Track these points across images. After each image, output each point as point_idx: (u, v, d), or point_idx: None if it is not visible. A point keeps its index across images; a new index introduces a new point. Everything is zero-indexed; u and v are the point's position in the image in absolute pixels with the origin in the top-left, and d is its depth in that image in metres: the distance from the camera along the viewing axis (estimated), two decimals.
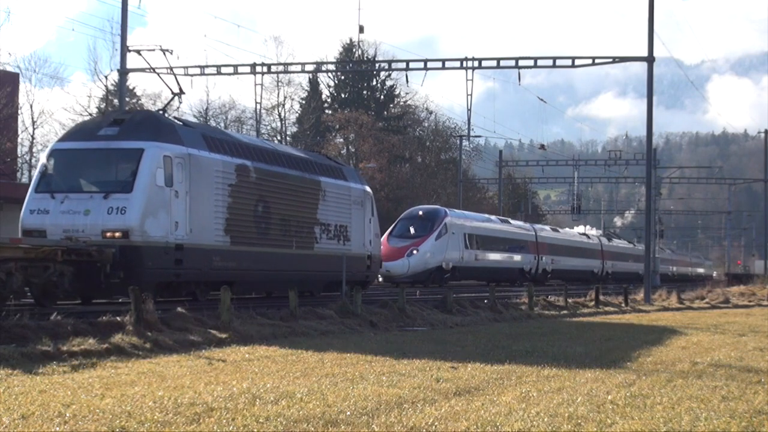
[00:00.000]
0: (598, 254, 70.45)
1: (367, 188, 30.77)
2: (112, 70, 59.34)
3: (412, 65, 38.46)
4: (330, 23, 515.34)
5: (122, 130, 20.86)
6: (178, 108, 66.43)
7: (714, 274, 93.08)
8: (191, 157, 21.38)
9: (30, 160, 53.98)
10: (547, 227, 67.01)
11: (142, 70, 39.04)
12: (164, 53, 25.72)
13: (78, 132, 21.87)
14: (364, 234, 29.35)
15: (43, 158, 21.96)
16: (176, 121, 23.18)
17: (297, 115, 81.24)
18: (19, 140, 52.13)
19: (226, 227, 22.51)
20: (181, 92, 25.24)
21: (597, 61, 37.64)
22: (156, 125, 21.42)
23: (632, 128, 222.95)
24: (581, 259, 66.15)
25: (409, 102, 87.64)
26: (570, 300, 32.03)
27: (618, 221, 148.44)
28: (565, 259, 61.87)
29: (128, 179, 20.12)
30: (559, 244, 62.23)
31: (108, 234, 19.47)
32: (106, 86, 62.04)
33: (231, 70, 39.03)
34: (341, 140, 79.26)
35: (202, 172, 21.77)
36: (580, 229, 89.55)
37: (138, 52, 26.78)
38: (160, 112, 23.94)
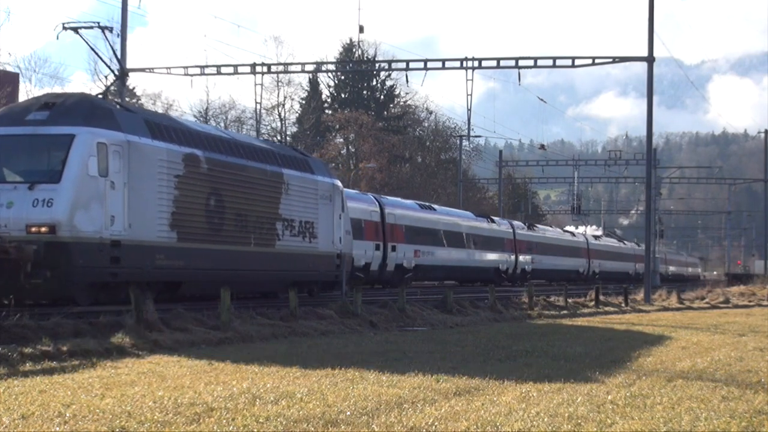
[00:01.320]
0: (583, 253, 68.03)
1: (337, 182, 28.77)
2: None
3: (412, 65, 38.46)
4: (330, 23, 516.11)
5: (53, 114, 18.89)
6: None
7: (700, 273, 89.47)
8: (131, 144, 19.31)
9: None
10: (525, 224, 63.25)
11: (142, 70, 39.14)
12: (103, 31, 24.03)
13: (5, 117, 19.69)
14: (333, 231, 27.19)
15: None
16: (115, 105, 21.08)
17: (297, 115, 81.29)
18: None
19: (172, 222, 20.39)
20: (125, 72, 23.39)
21: (597, 61, 37.64)
22: (90, 109, 19.32)
23: (634, 128, 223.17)
24: (564, 258, 63.65)
25: (409, 102, 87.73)
26: (570, 300, 32.07)
27: (624, 221, 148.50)
28: (546, 258, 59.36)
29: (57, 168, 18.18)
30: (539, 242, 59.38)
31: (33, 229, 17.52)
32: (105, 86, 62.07)
33: (231, 70, 39.00)
34: (341, 140, 79.30)
35: (144, 161, 19.69)
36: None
37: (75, 30, 23.60)
38: (100, 96, 22.19)
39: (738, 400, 9.88)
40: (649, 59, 36.33)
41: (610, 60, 38.62)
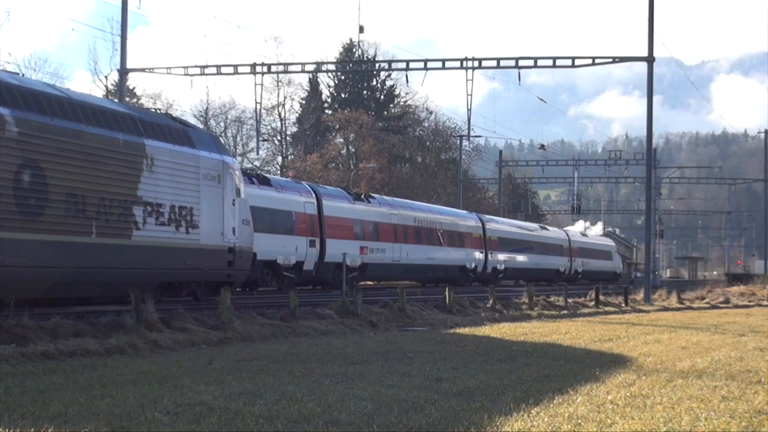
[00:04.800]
0: (564, 251, 63.34)
1: (230, 160, 23.60)
2: (112, 70, 59.42)
3: (412, 65, 38.49)
4: (330, 23, 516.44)
5: None
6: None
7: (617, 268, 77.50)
8: None
9: None
10: (500, 219, 59.07)
11: (142, 70, 39.18)
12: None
13: None
14: (224, 220, 22.39)
15: None
16: None
17: (297, 115, 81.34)
18: None
19: None
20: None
21: (597, 61, 37.68)
22: None
23: (637, 127, 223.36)
24: (543, 257, 58.99)
25: (409, 102, 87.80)
26: (570, 300, 32.11)
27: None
28: (521, 256, 55.16)
29: None
30: (513, 239, 54.55)
31: None
32: (106, 86, 62.12)
33: (231, 70, 39.05)
34: (341, 140, 79.34)
35: None
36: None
37: None
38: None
39: (738, 400, 9.88)
40: (649, 59, 36.33)
41: (610, 60, 38.65)
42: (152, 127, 20.53)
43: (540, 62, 37.81)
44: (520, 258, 55.21)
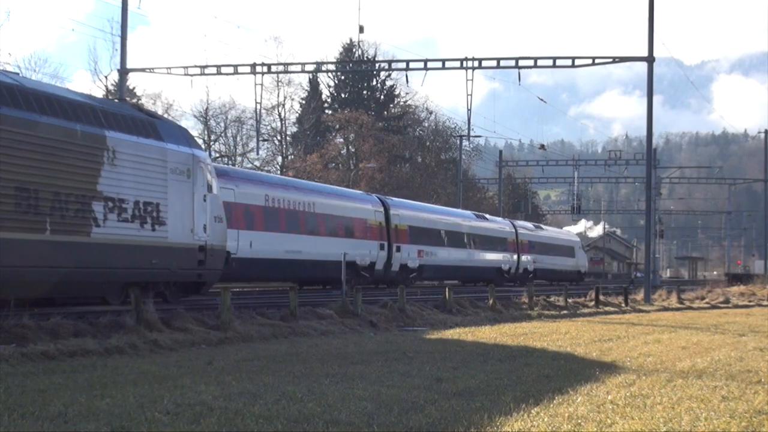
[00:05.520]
0: (509, 245, 53.28)
1: (200, 153, 22.32)
2: (112, 70, 59.45)
3: (412, 65, 38.50)
4: (330, 23, 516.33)
5: None
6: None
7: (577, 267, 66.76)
8: None
9: None
10: (412, 203, 48.31)
11: (142, 70, 39.18)
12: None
13: None
14: (194, 216, 21.18)
15: None
16: None
17: (297, 115, 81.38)
18: None
19: None
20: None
21: (597, 61, 37.68)
22: None
23: (637, 127, 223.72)
24: (477, 252, 48.90)
25: (409, 102, 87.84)
26: (570, 300, 32.15)
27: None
28: (446, 252, 45.15)
29: None
30: (433, 228, 44.45)
31: None
32: (106, 86, 62.13)
33: (231, 70, 39.05)
34: (341, 140, 79.38)
35: None
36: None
37: None
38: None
39: (738, 400, 9.87)
40: (649, 59, 36.33)
41: (610, 60, 38.64)
42: (114, 118, 19.34)
43: (540, 62, 37.81)
44: (443, 253, 44.90)
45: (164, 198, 20.17)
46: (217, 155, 68.25)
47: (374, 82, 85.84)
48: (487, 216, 54.34)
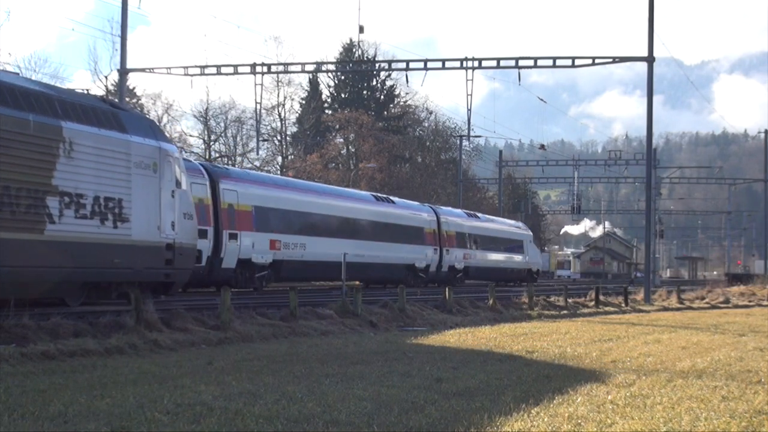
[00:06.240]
0: (427, 237, 44.36)
1: (168, 147, 20.98)
2: (112, 70, 59.41)
3: (412, 65, 38.51)
4: (330, 23, 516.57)
5: None
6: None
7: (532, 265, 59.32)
8: None
9: None
10: (255, 173, 42.25)
11: (142, 70, 39.19)
12: None
13: None
14: (160, 213, 19.95)
15: None
16: None
17: (297, 115, 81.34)
18: None
19: None
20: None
21: (597, 61, 37.69)
22: None
23: (637, 127, 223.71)
24: (388, 245, 40.11)
25: (409, 102, 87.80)
26: (570, 300, 32.16)
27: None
28: (327, 243, 34.95)
29: None
30: (321, 213, 35.78)
31: None
32: (106, 86, 62.11)
33: (231, 70, 39.06)
34: (341, 140, 79.36)
35: None
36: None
37: None
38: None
39: (738, 400, 9.87)
40: (649, 59, 36.33)
41: (610, 60, 38.65)
42: (72, 108, 18.07)
43: (540, 62, 37.81)
44: (324, 245, 34.93)
45: (128, 193, 19.02)
46: (217, 155, 68.24)
47: (374, 82, 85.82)
48: (394, 199, 44.86)
